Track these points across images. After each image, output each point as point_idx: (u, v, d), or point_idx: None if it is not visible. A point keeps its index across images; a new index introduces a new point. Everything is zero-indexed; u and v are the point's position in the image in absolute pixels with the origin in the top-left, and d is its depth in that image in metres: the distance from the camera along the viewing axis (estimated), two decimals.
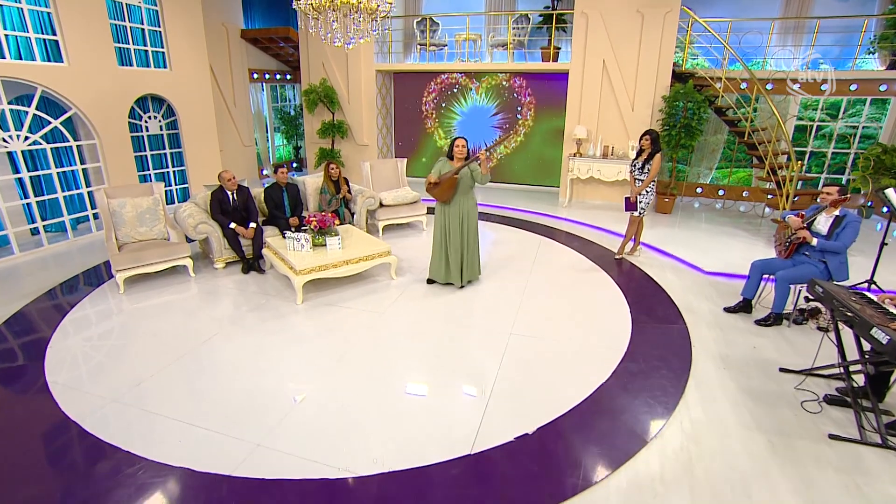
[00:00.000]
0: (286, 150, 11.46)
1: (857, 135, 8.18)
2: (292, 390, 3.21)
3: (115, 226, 4.97)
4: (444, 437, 2.80)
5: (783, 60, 8.16)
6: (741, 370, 3.52)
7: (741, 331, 4.16)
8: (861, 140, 8.23)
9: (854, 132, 8.21)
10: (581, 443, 2.77)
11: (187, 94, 7.72)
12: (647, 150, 5.50)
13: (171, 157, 7.98)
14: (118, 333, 3.95)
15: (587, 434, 2.84)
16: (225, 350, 3.68)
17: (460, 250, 4.67)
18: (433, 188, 4.50)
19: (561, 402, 3.12)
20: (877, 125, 8.17)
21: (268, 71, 10.28)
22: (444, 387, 3.29)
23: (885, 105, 8.01)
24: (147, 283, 4.92)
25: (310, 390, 3.20)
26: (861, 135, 8.21)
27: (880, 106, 8.09)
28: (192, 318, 4.21)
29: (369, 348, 3.76)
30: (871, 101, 8.08)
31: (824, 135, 8.47)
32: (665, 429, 2.89)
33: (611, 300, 4.76)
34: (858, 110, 8.22)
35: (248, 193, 5.41)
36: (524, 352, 3.75)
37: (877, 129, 8.18)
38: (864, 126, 8.15)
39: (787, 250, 4.23)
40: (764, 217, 7.94)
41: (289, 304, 4.48)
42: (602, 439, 2.80)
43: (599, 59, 7.87)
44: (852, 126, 8.19)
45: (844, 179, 8.32)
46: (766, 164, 6.73)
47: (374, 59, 9.17)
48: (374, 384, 3.31)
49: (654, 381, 3.40)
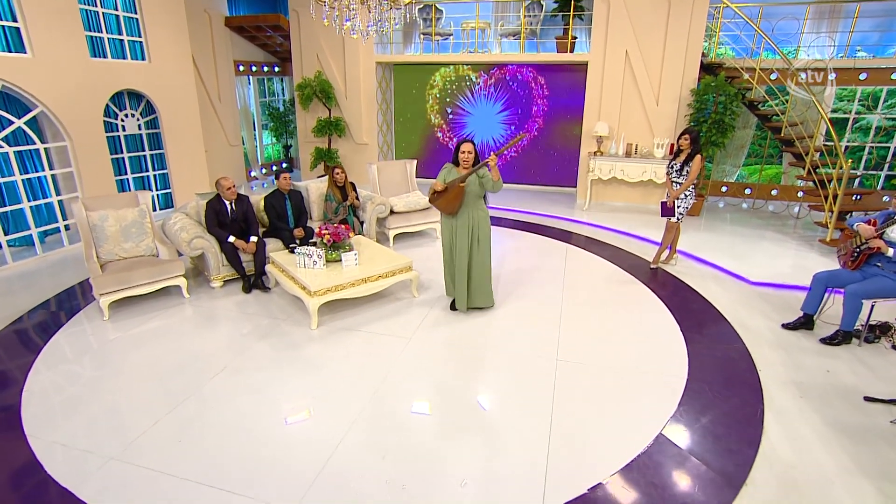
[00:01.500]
0: (275, 149, 11.13)
1: None
2: (325, 435, 2.95)
3: (96, 242, 4.65)
4: (513, 487, 2.57)
5: (816, 48, 8.08)
6: (821, 399, 3.36)
7: (808, 351, 4.01)
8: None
9: (894, 124, 8.16)
10: (664, 491, 2.57)
11: (168, 88, 7.38)
12: (687, 150, 5.33)
13: (152, 159, 7.64)
14: (107, 371, 3.62)
15: (668, 480, 2.64)
16: (236, 389, 3.41)
17: (466, 270, 4.33)
18: (437, 198, 4.16)
19: (631, 441, 2.93)
20: None
21: (254, 63, 9.95)
22: (498, 426, 3.06)
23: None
24: (135, 307, 4.61)
25: (345, 435, 2.95)
26: None
27: None
28: (193, 350, 3.91)
29: (402, 381, 3.52)
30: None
31: (860, 127, 8.42)
32: (754, 472, 2.70)
33: (657, 317, 4.58)
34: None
35: (249, 203, 5.12)
36: (577, 380, 3.54)
37: None
38: None
39: (856, 261, 4.09)
40: (799, 218, 7.86)
41: (302, 330, 4.21)
42: (688, 486, 2.60)
43: (622, 50, 7.71)
44: (891, 118, 8.14)
45: (884, 176, 8.28)
46: (808, 162, 6.63)
47: (374, 50, 8.90)
48: (418, 424, 3.07)
49: (727, 413, 3.22)
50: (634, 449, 2.87)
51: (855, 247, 4.11)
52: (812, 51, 8.04)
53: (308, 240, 5.35)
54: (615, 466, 2.73)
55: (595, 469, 2.72)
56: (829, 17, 8.10)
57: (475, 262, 4.35)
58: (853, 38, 7.77)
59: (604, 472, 2.70)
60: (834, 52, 8.02)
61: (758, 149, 9.23)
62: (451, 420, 3.12)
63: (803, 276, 5.43)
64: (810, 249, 6.31)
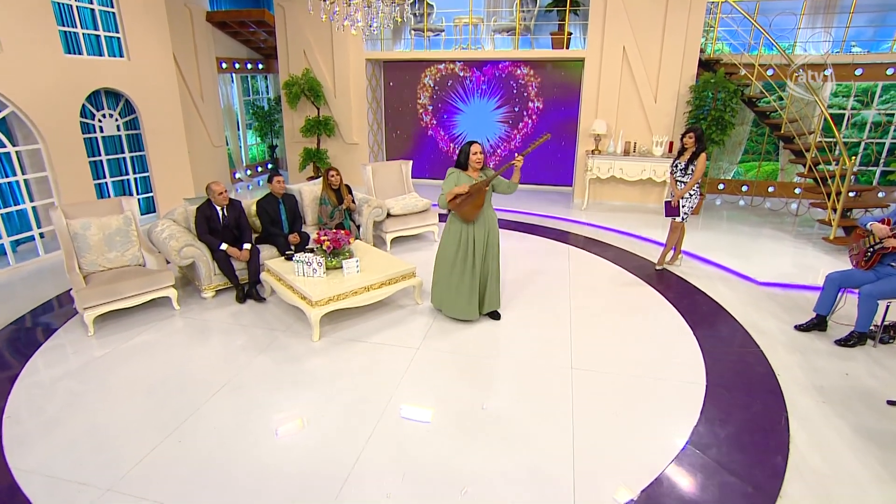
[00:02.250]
0: (260, 149, 10.90)
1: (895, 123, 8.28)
2: (340, 455, 2.83)
3: (78, 252, 4.45)
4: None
5: (811, 44, 8.18)
6: (843, 404, 3.35)
7: (823, 354, 4.01)
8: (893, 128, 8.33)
9: (889, 120, 8.31)
10: None
11: (149, 87, 7.15)
12: (691, 148, 5.33)
13: (132, 161, 7.40)
14: (95, 393, 3.43)
15: (701, 495, 2.59)
16: (238, 409, 3.26)
17: (481, 276, 4.20)
18: (463, 203, 3.98)
19: (657, 452, 2.87)
20: None
21: (237, 59, 9.73)
22: (519, 439, 2.98)
23: None
24: (121, 321, 4.42)
25: (360, 454, 2.84)
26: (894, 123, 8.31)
27: None
28: (188, 366, 3.75)
29: (415, 394, 3.41)
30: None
31: (854, 124, 8.55)
32: (787, 485, 2.66)
33: (667, 320, 4.56)
34: (893, 96, 8.32)
35: (241, 209, 4.96)
36: (594, 389, 3.48)
37: None
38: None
39: (870, 261, 4.10)
40: (798, 215, 7.95)
41: (303, 342, 4.08)
42: (721, 501, 2.55)
43: (619, 46, 7.70)
44: (887, 114, 8.29)
45: (879, 172, 8.43)
46: (808, 159, 6.69)
47: (364, 46, 8.76)
48: (436, 439, 2.97)
49: (750, 420, 3.19)
50: (661, 461, 2.81)
51: (868, 246, 4.12)
52: (808, 46, 8.13)
53: (304, 246, 5.21)
54: (644, 481, 2.67)
55: (625, 483, 2.65)
56: (825, 13, 8.22)
57: (492, 269, 4.27)
58: (848, 34, 7.89)
59: (634, 486, 2.63)
60: (830, 47, 8.13)
61: (753, 145, 9.32)
62: (471, 434, 3.03)
63: (810, 276, 5.49)
64: (814, 247, 6.37)
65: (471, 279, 4.19)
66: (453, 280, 4.23)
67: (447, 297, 4.32)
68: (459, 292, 4.23)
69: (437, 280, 4.39)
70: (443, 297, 4.36)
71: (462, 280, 4.20)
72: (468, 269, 4.18)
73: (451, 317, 4.39)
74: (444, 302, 4.37)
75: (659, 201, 8.32)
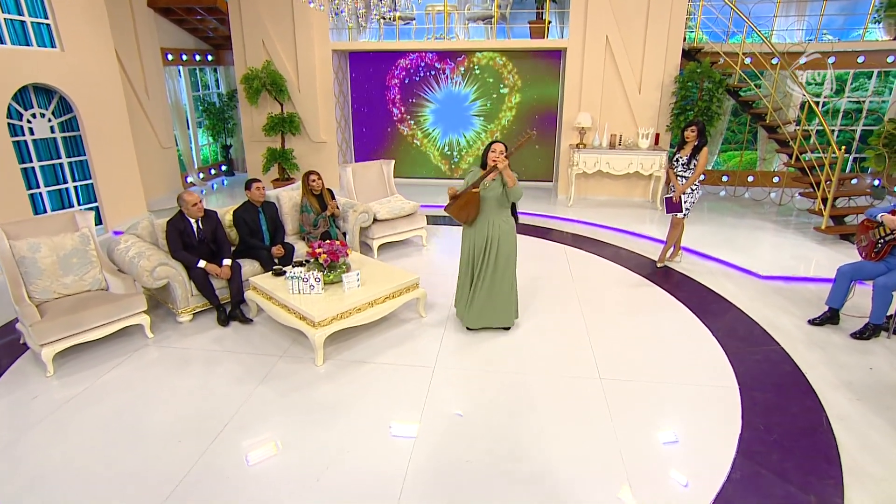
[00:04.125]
0: (212, 149, 10.34)
1: (864, 111, 8.81)
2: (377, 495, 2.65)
3: (26, 278, 4.00)
4: None
5: (785, 32, 8.57)
6: (877, 400, 3.47)
7: (842, 348, 4.16)
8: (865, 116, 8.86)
9: (859, 108, 8.83)
10: None
11: (88, 82, 6.60)
12: (693, 142, 5.42)
13: (71, 168, 6.80)
14: (66, 448, 3.04)
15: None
16: (253, 455, 3.01)
17: (488, 287, 4.11)
18: (450, 205, 4.00)
19: (710, 467, 2.87)
20: (880, 99, 8.82)
21: (184, 50, 9.15)
22: (565, 461, 2.89)
23: (889, 77, 8.67)
24: (86, 356, 4.01)
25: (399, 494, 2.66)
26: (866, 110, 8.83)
27: (883, 79, 8.73)
28: (177, 407, 3.42)
29: (441, 420, 3.26)
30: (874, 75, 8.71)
31: (827, 111, 9.03)
32: (849, 491, 2.71)
33: (683, 321, 4.62)
34: (862, 84, 8.84)
35: (218, 220, 4.63)
36: (629, 401, 3.45)
37: (879, 103, 8.85)
38: (869, 101, 8.78)
39: (880, 253, 4.29)
40: (782, 205, 8.31)
41: (305, 367, 3.84)
42: None
43: (602, 35, 7.78)
44: (856, 101, 8.81)
45: (852, 158, 8.94)
46: (795, 148, 6.99)
47: (329, 36, 8.44)
48: (477, 468, 2.82)
49: (791, 423, 3.25)
50: (718, 477, 2.80)
51: (879, 237, 4.31)
52: (783, 34, 8.51)
53: (290, 259, 4.94)
54: (706, 499, 2.65)
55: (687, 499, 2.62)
56: (798, 1, 8.62)
57: (496, 279, 4.12)
58: (819, 22, 8.31)
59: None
60: (803, 35, 8.55)
61: (732, 135, 9.69)
62: (513, 459, 2.92)
63: (811, 268, 5.72)
64: (805, 238, 6.66)
65: (471, 284, 4.18)
66: (459, 282, 4.33)
67: (459, 302, 4.39)
68: (461, 295, 4.32)
69: (457, 287, 4.44)
70: (457, 303, 4.43)
71: (464, 283, 4.26)
72: (476, 276, 4.15)
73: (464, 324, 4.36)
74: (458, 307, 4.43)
75: (645, 195, 8.50)
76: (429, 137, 9.72)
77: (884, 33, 8.36)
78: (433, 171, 9.91)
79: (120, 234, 6.66)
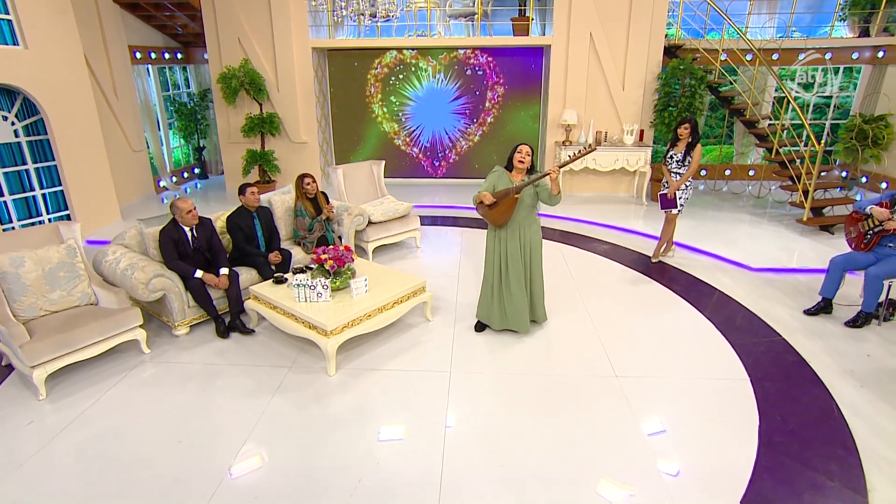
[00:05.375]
0: (184, 151, 9.99)
1: (832, 105, 9.24)
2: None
3: (9, 295, 3.78)
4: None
5: (758, 30, 8.88)
6: (879, 386, 3.65)
7: (839, 336, 4.35)
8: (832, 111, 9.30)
9: (827, 102, 9.25)
10: None
11: (55, 82, 6.31)
12: (686, 139, 5.56)
13: (39, 174, 6.46)
14: (75, 482, 2.88)
15: (795, 497, 2.69)
16: (276, 470, 2.92)
17: (525, 287, 4.17)
18: (487, 210, 4.00)
19: (737, 458, 2.96)
20: (844, 93, 9.27)
21: (153, 48, 8.81)
22: (601, 464, 2.92)
23: (851, 73, 9.11)
24: (78, 376, 3.81)
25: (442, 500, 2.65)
26: (832, 105, 9.27)
27: (848, 74, 9.18)
28: (186, 425, 3.29)
29: (470, 427, 3.25)
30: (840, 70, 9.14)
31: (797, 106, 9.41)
32: (870, 476, 2.84)
33: (686, 316, 4.74)
34: (828, 79, 9.27)
35: (213, 228, 4.48)
36: (647, 397, 3.53)
37: (845, 98, 9.30)
38: (837, 95, 9.21)
39: (869, 244, 4.51)
40: (760, 197, 8.63)
41: (317, 378, 3.76)
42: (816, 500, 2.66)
43: (586, 32, 7.90)
44: (824, 97, 9.23)
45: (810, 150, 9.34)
46: (776, 142, 7.27)
47: (309, 34, 8.27)
48: (508, 473, 2.83)
49: (804, 412, 3.37)
50: (745, 468, 2.89)
51: (868, 229, 4.52)
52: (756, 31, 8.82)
53: (287, 265, 4.84)
54: (738, 491, 2.73)
55: (719, 495, 2.69)
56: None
57: (531, 278, 4.19)
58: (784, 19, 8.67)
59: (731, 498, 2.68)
60: (774, 32, 8.89)
61: (709, 129, 9.99)
62: (547, 460, 2.93)
63: (798, 259, 5.97)
64: (788, 230, 6.93)
65: (513, 289, 4.14)
66: (492, 290, 4.25)
67: (483, 305, 4.36)
68: (492, 300, 4.25)
69: (482, 291, 4.40)
70: (481, 307, 4.40)
71: (494, 289, 4.22)
72: (509, 279, 4.14)
73: (486, 325, 4.39)
74: (480, 310, 4.41)
75: (629, 190, 8.68)
76: (411, 136, 9.66)
77: (848, 31, 8.78)
78: (416, 170, 9.85)
79: (94, 243, 6.40)
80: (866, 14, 8.58)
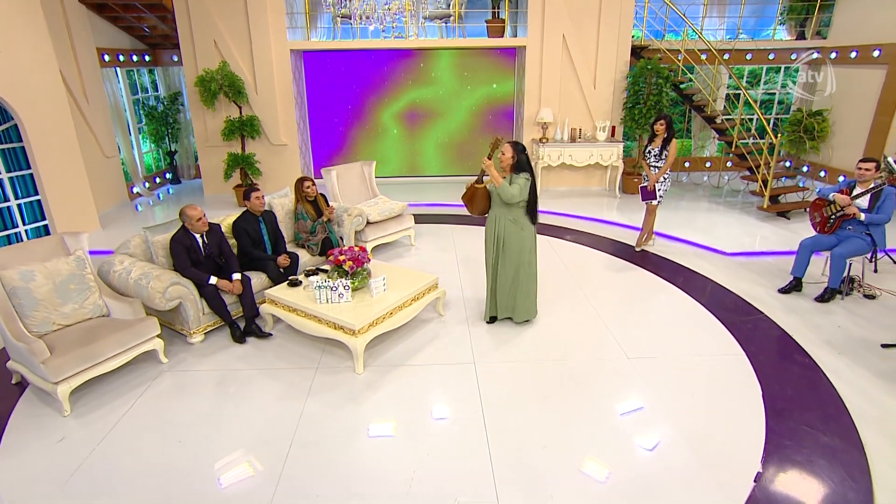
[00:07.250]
0: (155, 156, 9.57)
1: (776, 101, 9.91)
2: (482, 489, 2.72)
3: (20, 311, 3.60)
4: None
5: (711, 31, 9.40)
6: (853, 353, 4.02)
7: (811, 311, 4.75)
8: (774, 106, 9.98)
9: (771, 99, 9.93)
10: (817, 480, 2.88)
11: (27, 85, 5.95)
12: (662, 134, 5.86)
13: (13, 183, 6.07)
14: (121, 494, 2.81)
15: (815, 466, 2.95)
16: (329, 469, 2.94)
17: (492, 278, 4.34)
18: (463, 196, 4.34)
19: (752, 425, 3.23)
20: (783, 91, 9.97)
21: (121, 51, 8.39)
22: (633, 434, 3.11)
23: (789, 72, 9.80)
24: (98, 390, 3.67)
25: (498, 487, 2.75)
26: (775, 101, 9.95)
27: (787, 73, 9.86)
28: (227, 434, 3.23)
29: (507, 415, 3.37)
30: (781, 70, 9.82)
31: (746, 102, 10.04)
32: (863, 431, 3.15)
33: (677, 299, 5.03)
34: (771, 78, 9.95)
35: (222, 234, 4.39)
36: (661, 376, 3.76)
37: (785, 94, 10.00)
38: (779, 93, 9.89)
39: (832, 227, 4.93)
40: (719, 187, 9.16)
41: (346, 377, 3.78)
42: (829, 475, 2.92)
43: (559, 34, 8.13)
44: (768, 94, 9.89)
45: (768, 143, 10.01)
46: (735, 136, 7.76)
47: (287, 35, 8.11)
48: (552, 456, 2.97)
49: (798, 382, 3.69)
50: (759, 433, 3.15)
51: (830, 214, 4.94)
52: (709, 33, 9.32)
53: (295, 268, 4.80)
54: (757, 454, 2.98)
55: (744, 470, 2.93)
56: (717, 3, 9.45)
57: (508, 272, 4.27)
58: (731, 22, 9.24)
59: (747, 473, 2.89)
60: (724, 34, 9.43)
61: None
62: (584, 440, 3.09)
63: (765, 243, 6.42)
64: (750, 216, 7.42)
65: (493, 275, 4.33)
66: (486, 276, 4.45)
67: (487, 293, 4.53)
68: (488, 286, 4.46)
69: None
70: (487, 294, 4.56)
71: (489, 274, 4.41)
72: (487, 264, 4.37)
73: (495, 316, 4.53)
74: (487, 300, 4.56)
75: (602, 184, 9.02)
76: (389, 136, 9.65)
77: (786, 34, 9.44)
78: (395, 169, 9.85)
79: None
80: (801, 19, 9.26)
